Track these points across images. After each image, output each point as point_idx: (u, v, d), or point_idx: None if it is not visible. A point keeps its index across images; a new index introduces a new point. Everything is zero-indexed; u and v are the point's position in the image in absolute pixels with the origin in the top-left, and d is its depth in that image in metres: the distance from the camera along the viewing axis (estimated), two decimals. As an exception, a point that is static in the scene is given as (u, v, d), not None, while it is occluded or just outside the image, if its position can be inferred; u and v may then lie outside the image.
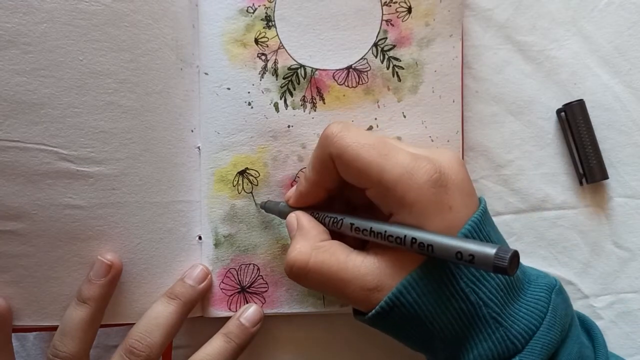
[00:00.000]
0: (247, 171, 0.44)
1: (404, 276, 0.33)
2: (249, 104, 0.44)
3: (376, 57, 0.44)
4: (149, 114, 0.42)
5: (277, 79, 0.44)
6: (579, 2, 0.47)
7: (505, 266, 0.28)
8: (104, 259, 0.40)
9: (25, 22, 0.37)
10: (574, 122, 0.45)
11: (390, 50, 0.44)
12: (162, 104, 0.42)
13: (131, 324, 0.41)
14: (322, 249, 0.36)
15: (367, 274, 0.34)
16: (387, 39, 0.43)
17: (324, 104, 0.44)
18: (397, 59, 0.44)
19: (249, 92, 0.44)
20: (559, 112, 0.46)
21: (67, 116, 0.39)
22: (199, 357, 0.41)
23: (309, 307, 0.45)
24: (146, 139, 0.42)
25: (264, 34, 0.43)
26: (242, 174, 0.44)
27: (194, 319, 0.45)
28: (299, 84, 0.44)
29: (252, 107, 0.44)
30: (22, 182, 0.39)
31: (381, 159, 0.34)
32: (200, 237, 0.45)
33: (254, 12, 0.43)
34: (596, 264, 0.47)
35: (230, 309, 0.44)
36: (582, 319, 0.41)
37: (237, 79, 0.44)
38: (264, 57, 0.44)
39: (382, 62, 0.44)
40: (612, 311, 0.47)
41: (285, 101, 0.44)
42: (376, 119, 0.44)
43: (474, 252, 0.29)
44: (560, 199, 0.47)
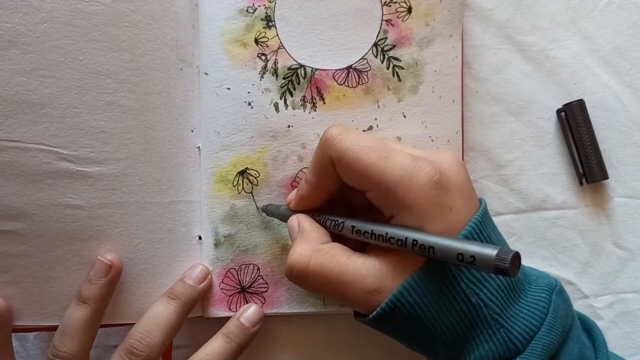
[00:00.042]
0: (247, 171, 0.44)
1: (404, 278, 0.33)
2: (249, 104, 0.44)
3: (376, 57, 0.43)
4: (149, 114, 0.42)
5: (277, 79, 0.44)
6: (579, 2, 0.47)
7: (506, 267, 0.28)
8: (104, 259, 0.40)
9: (25, 22, 0.37)
10: (574, 122, 0.45)
11: (390, 50, 0.44)
12: (162, 104, 0.42)
13: (131, 324, 0.41)
14: (322, 252, 0.36)
15: (367, 276, 0.34)
16: (387, 39, 0.43)
17: (324, 104, 0.44)
18: (397, 59, 0.44)
19: (249, 92, 0.44)
20: (559, 112, 0.46)
21: (67, 116, 0.39)
22: (199, 357, 0.41)
23: (309, 307, 0.45)
24: (146, 139, 0.42)
25: (264, 34, 0.43)
26: (242, 174, 0.44)
27: (194, 319, 0.45)
28: (299, 84, 0.44)
29: (252, 107, 0.44)
30: (22, 182, 0.39)
31: (381, 161, 0.34)
32: (200, 237, 0.45)
33: (254, 12, 0.43)
34: (596, 264, 0.47)
35: (230, 309, 0.44)
36: (583, 319, 0.41)
37: (237, 79, 0.44)
38: (264, 57, 0.43)
39: (382, 62, 0.44)
40: (612, 311, 0.47)
41: (285, 101, 0.44)
42: (376, 119, 0.44)
43: (475, 254, 0.29)
44: (560, 199, 0.47)
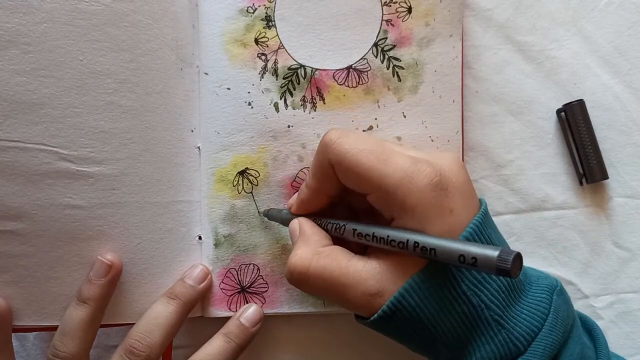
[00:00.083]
0: (247, 171, 0.44)
1: (405, 280, 0.33)
2: (249, 104, 0.44)
3: (376, 57, 0.43)
4: (149, 114, 0.42)
5: (277, 79, 0.44)
6: (579, 2, 0.47)
7: (508, 268, 0.28)
8: (104, 259, 0.40)
9: (25, 22, 0.37)
10: (574, 122, 0.45)
11: (390, 50, 0.43)
12: (162, 104, 0.42)
13: (131, 324, 0.41)
14: (323, 254, 0.36)
15: (368, 278, 0.34)
16: (387, 39, 0.43)
17: (324, 104, 0.44)
18: (397, 59, 0.43)
19: (249, 92, 0.43)
20: (559, 112, 0.46)
21: (67, 116, 0.39)
22: (199, 357, 0.41)
23: (309, 307, 0.45)
24: (146, 139, 0.42)
25: (264, 34, 0.43)
26: (242, 174, 0.44)
27: (194, 319, 0.45)
28: (299, 84, 0.44)
29: (252, 107, 0.44)
30: (22, 182, 0.38)
31: (381, 164, 0.34)
32: (200, 237, 0.45)
33: (254, 12, 0.43)
34: (596, 264, 0.47)
35: (230, 309, 0.44)
36: (584, 320, 0.41)
37: (237, 79, 0.43)
38: (264, 57, 0.43)
39: (382, 62, 0.43)
40: (612, 311, 0.47)
41: (285, 101, 0.44)
42: (376, 119, 0.44)
43: (477, 255, 0.29)
44: (560, 199, 0.47)
